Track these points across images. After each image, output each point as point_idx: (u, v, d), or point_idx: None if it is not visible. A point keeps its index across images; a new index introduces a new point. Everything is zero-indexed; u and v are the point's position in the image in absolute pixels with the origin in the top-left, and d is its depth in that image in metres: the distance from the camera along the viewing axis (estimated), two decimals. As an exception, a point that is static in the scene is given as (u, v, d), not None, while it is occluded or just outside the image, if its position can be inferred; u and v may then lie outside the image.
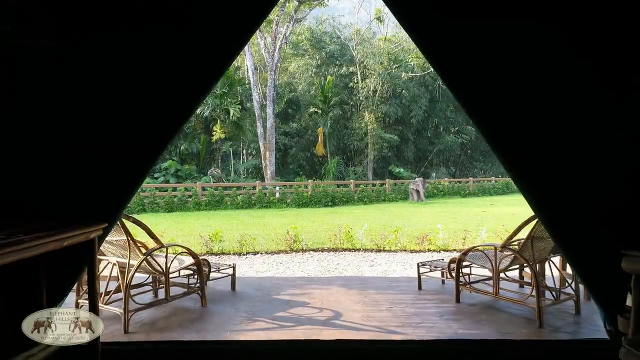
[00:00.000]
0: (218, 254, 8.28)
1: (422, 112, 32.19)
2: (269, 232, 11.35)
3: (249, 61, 24.18)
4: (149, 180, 22.56)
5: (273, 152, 24.09)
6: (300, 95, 33.77)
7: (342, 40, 31.82)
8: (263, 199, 19.50)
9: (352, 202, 21.48)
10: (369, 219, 14.07)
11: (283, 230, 11.84)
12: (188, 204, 18.23)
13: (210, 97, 24.07)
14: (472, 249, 4.17)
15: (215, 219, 14.92)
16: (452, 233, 10.05)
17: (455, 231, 10.74)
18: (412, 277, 5.50)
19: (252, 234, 10.97)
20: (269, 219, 14.77)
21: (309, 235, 10.44)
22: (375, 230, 11.06)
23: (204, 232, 11.44)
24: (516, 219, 13.30)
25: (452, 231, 10.85)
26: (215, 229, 11.67)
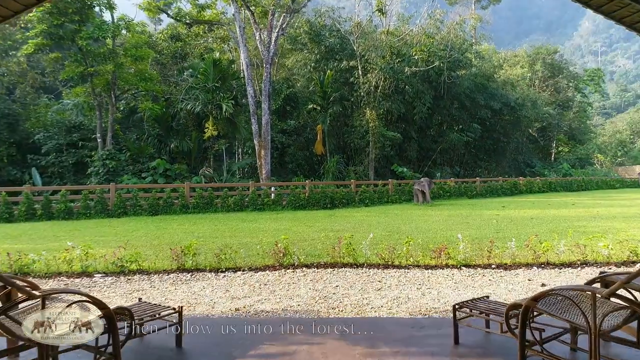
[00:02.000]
0: (191, 270, 6.81)
1: (425, 108, 30.70)
2: (259, 240, 9.90)
3: (243, 54, 22.70)
4: (135, 180, 21.16)
5: (269, 151, 22.62)
6: (298, 92, 32.33)
7: (343, 34, 30.31)
8: (257, 200, 18.03)
9: (352, 203, 20.03)
10: (371, 224, 12.63)
11: (275, 237, 10.40)
12: (174, 206, 16.77)
13: (202, 92, 22.62)
14: (549, 293, 2.65)
15: (201, 224, 13.46)
16: (471, 242, 8.59)
17: (474, 239, 9.28)
18: (441, 320, 4.05)
19: (239, 243, 9.56)
20: (262, 224, 13.31)
21: (303, 245, 8.99)
22: (380, 239, 9.61)
23: (184, 240, 10.02)
24: (539, 225, 11.83)
25: (469, 239, 9.39)
26: (194, 238, 10.27)
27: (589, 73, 51.24)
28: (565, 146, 50.24)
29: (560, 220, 12.91)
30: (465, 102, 33.18)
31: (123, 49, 21.01)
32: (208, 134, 22.76)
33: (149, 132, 23.99)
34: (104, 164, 20.19)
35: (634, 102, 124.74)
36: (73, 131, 23.41)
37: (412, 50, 28.02)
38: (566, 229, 11.03)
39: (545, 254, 7.02)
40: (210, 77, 22.63)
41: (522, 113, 37.38)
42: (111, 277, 6.59)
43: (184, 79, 23.78)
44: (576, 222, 12.42)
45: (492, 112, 34.37)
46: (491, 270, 6.66)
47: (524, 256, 7.30)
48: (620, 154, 53.07)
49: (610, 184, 36.74)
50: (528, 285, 5.85)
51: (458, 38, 30.30)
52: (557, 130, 47.28)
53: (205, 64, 23.00)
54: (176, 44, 26.94)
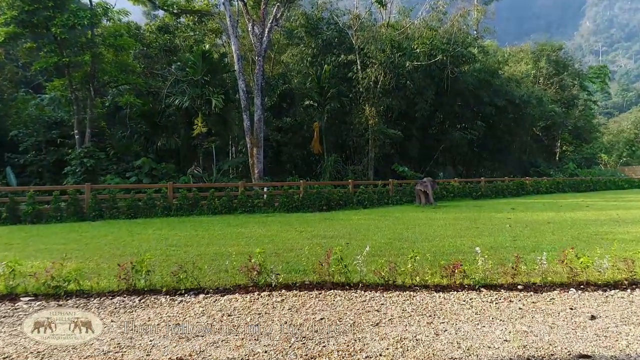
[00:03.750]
0: (143, 292, 5.45)
1: (427, 105, 29.34)
2: (240, 249, 8.55)
3: (234, 46, 21.31)
4: (118, 180, 19.80)
5: (261, 149, 21.26)
6: (294, 88, 30.96)
7: (341, 27, 28.94)
8: (246, 202, 16.65)
9: (350, 205, 18.67)
10: (370, 229, 11.26)
11: (260, 245, 9.04)
12: (156, 208, 15.39)
13: (190, 86, 21.24)
14: None
15: (181, 228, 12.09)
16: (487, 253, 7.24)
17: (489, 249, 7.92)
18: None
19: (216, 253, 8.21)
20: (248, 228, 11.94)
21: (288, 256, 7.64)
22: (380, 248, 8.25)
23: (154, 249, 8.67)
24: (559, 231, 10.45)
25: (483, 248, 8.02)
26: (165, 247, 8.92)
27: (595, 70, 49.86)
28: (570, 145, 48.90)
29: (581, 224, 11.54)
30: (468, 99, 31.84)
31: (102, 38, 19.58)
32: (197, 131, 21.43)
33: (133, 129, 22.61)
34: (82, 162, 18.79)
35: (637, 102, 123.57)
36: (54, 128, 22.03)
37: (413, 44, 26.62)
38: (591, 235, 9.68)
39: (584, 271, 5.65)
40: (199, 70, 21.27)
41: (527, 111, 36.03)
42: (41, 301, 5.23)
43: (171, 72, 22.38)
44: (599, 227, 11.06)
45: (496, 109, 33.00)
46: (518, 294, 5.29)
47: (556, 272, 5.94)
48: (626, 153, 51.70)
49: (619, 184, 35.39)
50: (572, 317, 4.48)
51: (461, 32, 28.93)
52: (561, 129, 45.95)
53: (194, 56, 21.63)
54: (164, 36, 25.54)
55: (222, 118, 22.69)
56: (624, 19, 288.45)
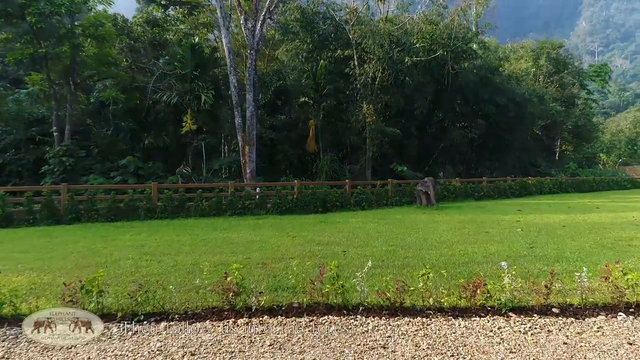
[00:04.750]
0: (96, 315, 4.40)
1: (427, 103, 28.37)
2: (224, 259, 7.53)
3: (225, 38, 20.23)
4: (102, 180, 18.72)
5: (254, 147, 20.20)
6: (289, 85, 29.91)
7: (337, 22, 27.91)
8: (237, 203, 15.60)
9: (347, 206, 17.65)
10: (369, 234, 10.24)
11: (245, 253, 8.02)
12: (138, 210, 14.32)
13: (179, 81, 20.17)
14: None
15: (162, 233, 11.04)
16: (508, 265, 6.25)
17: (506, 258, 6.92)
18: None
19: (193, 263, 7.19)
20: (236, 233, 10.91)
21: (276, 268, 6.63)
22: (381, 257, 7.24)
23: (126, 258, 7.63)
24: (578, 235, 9.39)
25: (499, 257, 7.03)
26: (139, 254, 7.87)
27: (595, 69, 49.03)
28: (569, 145, 48.09)
29: (599, 229, 10.56)
30: (468, 97, 30.91)
31: (82, 28, 18.41)
32: (186, 128, 20.38)
33: (119, 126, 21.48)
34: (61, 161, 17.67)
35: (633, 102, 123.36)
36: (34, 125, 20.87)
37: (413, 38, 25.62)
38: (615, 241, 8.72)
39: (633, 290, 4.65)
40: (189, 65, 20.20)
41: (528, 109, 35.13)
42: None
43: (159, 67, 21.27)
44: (620, 231, 10.09)
45: (497, 107, 32.04)
46: (555, 320, 4.29)
47: (592, 289, 4.95)
48: (627, 152, 50.94)
49: (621, 184, 34.63)
50: (634, 355, 3.48)
51: (462, 27, 27.97)
52: (561, 129, 45.13)
53: (183, 50, 20.55)
54: (153, 29, 24.40)
55: (213, 115, 21.63)
56: (620, 19, 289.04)
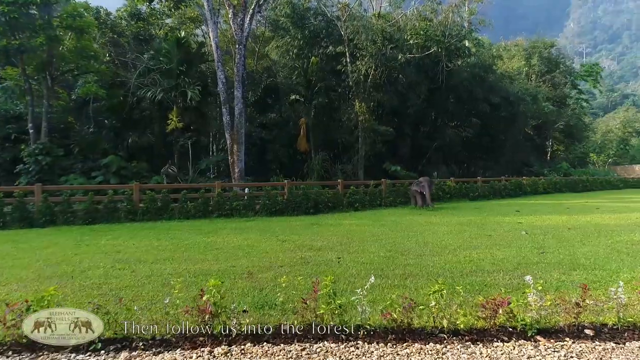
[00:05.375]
0: (42, 345, 3.64)
1: (420, 101, 27.81)
2: (205, 267, 6.81)
3: (212, 32, 19.42)
4: (82, 180, 17.82)
5: (242, 146, 19.43)
6: (280, 82, 29.17)
7: (329, 17, 27.22)
8: (224, 205, 14.82)
9: (340, 207, 16.96)
10: (365, 238, 9.55)
11: (231, 260, 7.29)
12: (118, 212, 13.49)
13: (164, 77, 19.32)
14: None
15: (141, 237, 10.24)
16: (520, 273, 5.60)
17: (517, 266, 6.28)
18: None
19: (173, 272, 6.45)
20: (221, 237, 10.16)
21: (263, 279, 5.92)
22: (380, 266, 6.54)
23: (98, 266, 6.85)
24: (588, 239, 8.41)
25: (511, 265, 6.38)
26: (112, 263, 7.09)
27: (587, 68, 48.97)
28: (561, 145, 47.92)
29: (607, 231, 10.00)
30: (462, 95, 30.39)
31: (59, 19, 17.43)
32: (172, 126, 19.55)
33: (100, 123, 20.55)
34: (37, 160, 16.73)
35: (621, 102, 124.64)
36: (11, 122, 19.84)
37: (406, 35, 25.03)
38: (628, 245, 8.18)
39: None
40: (174, 60, 19.35)
41: (521, 108, 34.77)
42: None
43: (142, 61, 20.37)
44: (630, 234, 9.52)
45: (491, 106, 31.62)
46: (593, 346, 3.63)
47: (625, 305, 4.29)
48: (620, 152, 50.98)
49: (614, 184, 34.42)
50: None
51: (456, 24, 27.45)
52: (552, 128, 44.93)
53: (168, 44, 19.69)
54: (137, 23, 23.47)
55: (200, 112, 20.81)
56: (607, 21, 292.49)
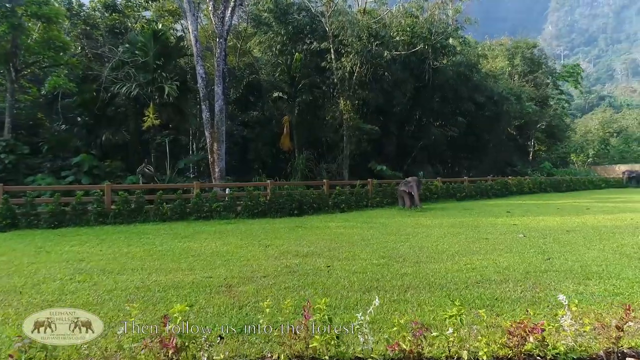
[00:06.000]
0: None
1: (406, 99, 27.33)
2: (179, 279, 6.04)
3: (191, 25, 18.50)
4: (50, 180, 16.72)
5: (223, 144, 18.56)
6: (262, 79, 28.33)
7: (313, 13, 26.50)
8: (203, 206, 13.97)
9: (325, 208, 16.27)
10: (354, 241, 8.86)
11: (207, 270, 6.52)
12: (87, 215, 12.52)
13: (139, 71, 18.34)
14: None
15: (110, 243, 9.34)
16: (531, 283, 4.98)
17: (525, 275, 5.68)
18: None
19: (140, 285, 5.65)
20: (199, 242, 9.35)
21: (244, 294, 5.19)
22: (374, 276, 5.85)
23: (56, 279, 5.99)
24: (592, 243, 7.40)
25: (518, 273, 5.78)
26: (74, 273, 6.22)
27: (568, 69, 49.43)
28: (543, 145, 48.22)
29: (606, 233, 9.53)
30: (447, 94, 30.03)
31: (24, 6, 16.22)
32: (148, 123, 18.55)
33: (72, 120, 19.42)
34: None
35: (598, 104, 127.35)
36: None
37: (393, 31, 24.49)
38: (637, 250, 7.64)
39: None
40: (151, 53, 18.35)
41: (505, 108, 34.67)
42: None
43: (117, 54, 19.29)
44: (632, 236, 9.07)
45: (476, 105, 31.39)
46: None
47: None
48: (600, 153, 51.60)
49: (596, 184, 34.56)
50: None
51: (441, 22, 27.06)
52: (535, 128, 45.14)
53: (144, 37, 18.67)
54: (112, 15, 22.32)
55: (179, 109, 19.87)
56: (584, 25, 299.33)
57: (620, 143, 55.23)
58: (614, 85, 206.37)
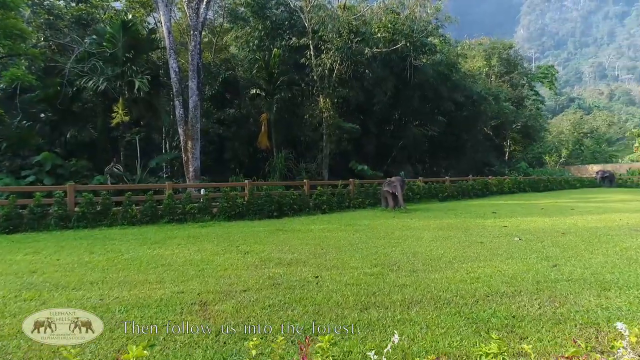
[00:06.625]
0: None
1: (386, 98, 26.87)
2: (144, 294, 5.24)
3: (164, 16, 17.46)
4: (8, 180, 15.45)
5: (198, 142, 17.60)
6: (239, 75, 27.42)
7: (292, 7, 25.76)
8: (175, 208, 13.05)
9: (306, 210, 15.55)
10: (341, 246, 8.15)
11: (179, 283, 5.72)
12: (47, 219, 11.44)
13: (107, 64, 17.20)
14: None
15: (69, 250, 8.38)
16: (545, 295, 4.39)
17: (536, 285, 5.11)
18: None
19: (96, 305, 4.81)
20: (170, 248, 8.49)
21: (221, 314, 4.42)
22: (369, 289, 5.15)
23: None
24: (594, 246, 7.44)
25: (527, 283, 5.20)
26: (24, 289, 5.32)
27: (543, 70, 50.22)
28: (518, 145, 48.79)
29: (603, 235, 9.14)
30: (427, 93, 29.74)
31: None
32: (117, 120, 17.43)
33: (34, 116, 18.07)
34: (-52, 156, 14.33)
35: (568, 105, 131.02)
36: None
37: (374, 27, 23.95)
38: (639, 254, 7.21)
39: None
40: (120, 44, 17.23)
41: (483, 108, 34.76)
42: None
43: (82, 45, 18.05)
44: (630, 239, 8.69)
45: (455, 105, 31.28)
46: None
47: None
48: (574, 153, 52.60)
49: (572, 184, 35.00)
50: None
51: (422, 20, 26.70)
52: (510, 129, 45.61)
53: (112, 27, 17.53)
54: (78, 5, 21.00)
55: (150, 105, 18.79)
56: (554, 28, 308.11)
57: (591, 144, 56.50)
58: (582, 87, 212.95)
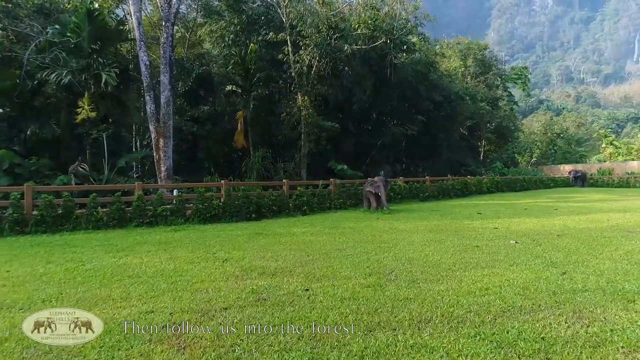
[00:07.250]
0: None
1: (365, 96, 26.41)
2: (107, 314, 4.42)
3: (134, 6, 16.40)
4: (-41, 180, 14.10)
5: (170, 140, 16.62)
6: (214, 71, 26.42)
7: (269, 2, 24.97)
8: (146, 210, 12.11)
9: (286, 211, 14.83)
10: (328, 252, 7.48)
11: (149, 298, 4.93)
12: (2, 223, 10.34)
13: (72, 55, 16.03)
14: None
15: (22, 259, 7.42)
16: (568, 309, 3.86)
17: (552, 297, 4.57)
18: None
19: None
20: (138, 256, 7.63)
21: (196, 342, 3.67)
22: (368, 305, 4.49)
23: None
24: (593, 249, 7.27)
25: (543, 295, 4.67)
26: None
27: (516, 71, 50.93)
28: (492, 145, 49.34)
29: (599, 237, 8.79)
30: (406, 93, 29.49)
31: None
32: (82, 116, 16.27)
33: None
34: None
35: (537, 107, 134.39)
36: None
37: (354, 23, 23.43)
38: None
39: None
40: (85, 35, 16.08)
41: (459, 108, 34.80)
42: None
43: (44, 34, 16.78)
44: (631, 241, 8.37)
45: (433, 104, 31.14)
46: None
47: None
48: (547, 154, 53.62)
49: (546, 183, 35.47)
50: None
51: (401, 18, 26.36)
52: (486, 129, 46.05)
53: (77, 17, 16.35)
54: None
55: (119, 100, 17.67)
56: (523, 32, 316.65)
57: (562, 144, 57.77)
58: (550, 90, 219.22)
